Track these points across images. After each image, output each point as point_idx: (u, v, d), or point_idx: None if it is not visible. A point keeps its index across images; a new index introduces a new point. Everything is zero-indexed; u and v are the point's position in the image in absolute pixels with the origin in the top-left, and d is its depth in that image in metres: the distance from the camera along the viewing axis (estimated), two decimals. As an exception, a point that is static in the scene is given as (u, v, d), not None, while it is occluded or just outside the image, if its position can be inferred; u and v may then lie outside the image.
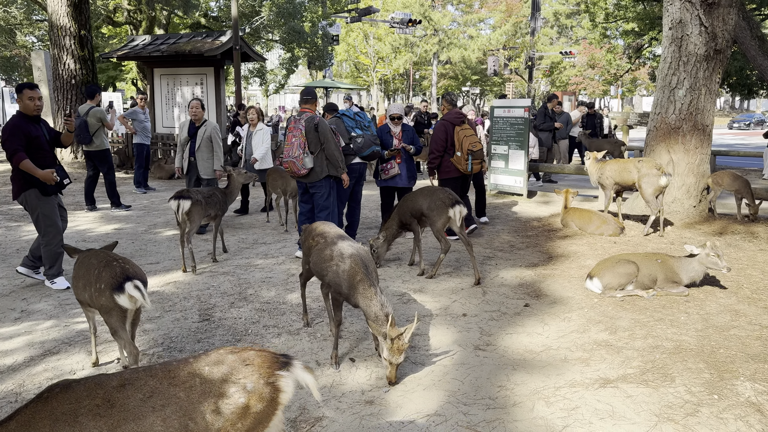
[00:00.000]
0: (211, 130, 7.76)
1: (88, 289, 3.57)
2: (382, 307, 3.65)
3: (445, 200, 5.89)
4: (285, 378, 2.22)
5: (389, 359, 3.60)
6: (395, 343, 3.53)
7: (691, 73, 7.97)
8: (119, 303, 3.42)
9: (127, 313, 3.53)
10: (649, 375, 3.79)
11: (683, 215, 8.21)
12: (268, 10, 23.17)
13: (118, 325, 3.49)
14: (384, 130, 7.41)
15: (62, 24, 13.70)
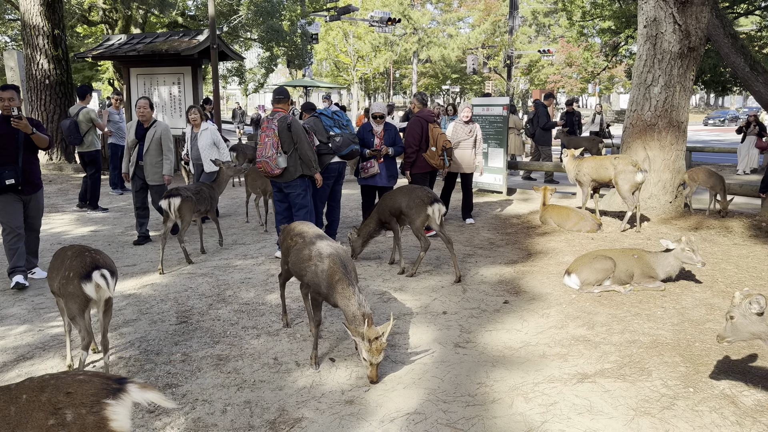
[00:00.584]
0: (161, 131, 7.14)
1: (58, 278, 3.65)
2: (359, 306, 3.64)
3: (423, 198, 5.90)
4: (114, 406, 2.02)
5: (369, 359, 3.60)
6: (374, 344, 3.53)
7: (665, 70, 8.07)
8: (86, 291, 3.47)
9: (91, 303, 3.58)
10: (626, 369, 3.83)
11: (659, 211, 8.31)
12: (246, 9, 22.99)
13: (77, 312, 3.55)
14: (366, 128, 7.39)
15: (35, 23, 13.47)
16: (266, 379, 3.78)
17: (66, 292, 3.57)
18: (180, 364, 3.98)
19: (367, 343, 3.53)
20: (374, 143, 7.25)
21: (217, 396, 3.56)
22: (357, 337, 3.58)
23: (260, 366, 3.96)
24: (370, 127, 7.37)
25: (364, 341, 3.55)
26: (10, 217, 5.62)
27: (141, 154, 7.17)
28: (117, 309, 5.04)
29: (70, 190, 11.51)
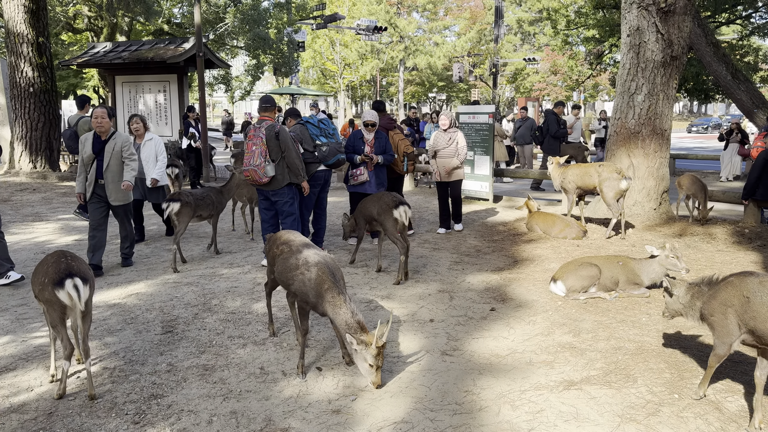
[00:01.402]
0: (122, 143, 6.41)
1: (37, 285, 3.71)
2: (353, 314, 3.62)
3: (389, 203, 6.13)
4: None
5: (375, 364, 3.58)
6: (379, 348, 3.52)
7: (649, 78, 8.17)
8: (60, 297, 3.50)
9: (68, 310, 3.59)
10: (612, 376, 3.86)
11: (644, 218, 8.39)
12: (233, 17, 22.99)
13: (56, 320, 3.59)
14: (357, 136, 7.43)
15: (19, 31, 13.37)
16: (252, 389, 3.75)
17: (44, 299, 3.64)
18: (165, 375, 3.95)
19: (373, 348, 3.52)
20: (365, 151, 7.30)
21: (203, 406, 3.54)
22: (360, 345, 3.55)
23: (246, 376, 3.94)
24: (360, 134, 7.41)
25: (368, 347, 3.53)
26: None
27: (100, 171, 6.34)
28: (101, 318, 4.99)
29: (54, 198, 11.41)
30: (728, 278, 3.42)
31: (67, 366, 3.60)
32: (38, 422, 3.36)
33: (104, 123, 6.37)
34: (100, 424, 3.33)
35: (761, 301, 3.12)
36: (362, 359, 3.61)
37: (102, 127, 6.36)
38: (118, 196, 6.42)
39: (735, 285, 3.31)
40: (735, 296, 3.27)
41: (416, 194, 12.14)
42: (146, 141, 7.55)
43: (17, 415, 3.44)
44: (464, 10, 52.16)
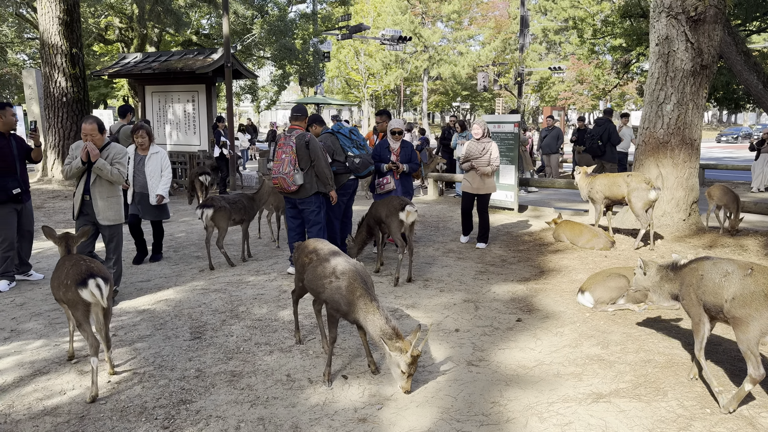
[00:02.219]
0: (114, 155, 5.71)
1: (61, 288, 3.93)
2: (387, 321, 3.62)
3: (396, 205, 6.29)
4: None
5: (408, 371, 3.58)
6: (413, 356, 3.53)
7: (678, 88, 8.07)
8: (83, 296, 3.73)
9: (91, 308, 3.83)
10: (642, 389, 3.80)
11: (673, 228, 8.26)
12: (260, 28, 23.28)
13: (83, 319, 3.81)
14: (383, 145, 7.46)
15: (53, 42, 13.72)
16: (279, 396, 3.78)
17: (67, 299, 3.86)
18: (194, 380, 4.00)
19: (408, 357, 3.52)
20: (391, 159, 7.32)
21: (230, 412, 3.57)
22: (395, 352, 3.55)
23: (273, 382, 3.97)
24: (387, 144, 7.44)
25: (403, 355, 3.53)
26: (8, 228, 6.14)
27: (87, 186, 5.68)
28: (131, 324, 5.08)
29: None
30: (690, 263, 3.91)
31: (96, 362, 3.71)
32: (71, 425, 3.42)
33: (95, 135, 5.58)
34: (131, 428, 3.39)
35: (710, 278, 3.65)
36: (396, 365, 3.61)
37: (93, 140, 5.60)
38: (108, 214, 5.70)
39: (694, 267, 3.83)
40: (694, 277, 3.77)
41: (440, 203, 12.13)
42: (151, 154, 7.12)
43: (51, 417, 3.51)
44: (489, 19, 52.13)
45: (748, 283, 3.44)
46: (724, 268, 3.63)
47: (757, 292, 3.38)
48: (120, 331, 4.93)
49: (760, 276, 3.43)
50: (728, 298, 3.51)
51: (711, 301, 3.63)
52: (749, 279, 3.46)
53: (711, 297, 3.63)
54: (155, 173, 7.08)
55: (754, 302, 3.37)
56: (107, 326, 3.99)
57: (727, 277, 3.57)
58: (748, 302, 3.40)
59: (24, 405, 3.66)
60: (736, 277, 3.52)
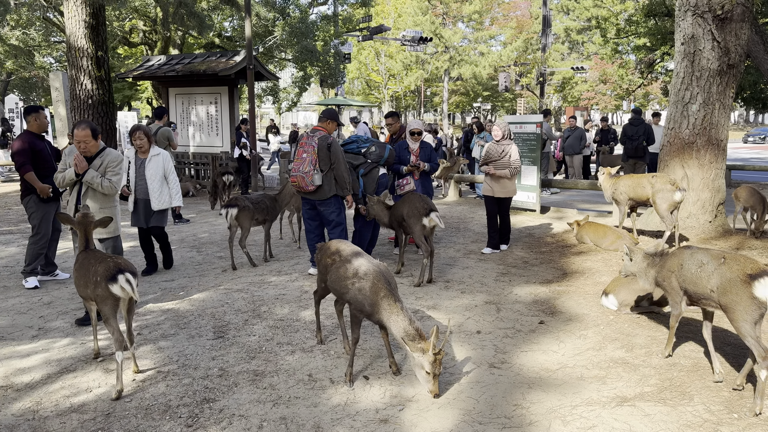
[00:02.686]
0: (109, 162, 5.34)
1: (89, 285, 4.01)
2: (411, 322, 3.61)
3: (420, 209, 6.25)
4: None
5: (432, 371, 3.57)
6: (437, 356, 3.52)
7: (704, 88, 7.94)
8: (113, 292, 3.83)
9: (120, 303, 3.94)
10: (667, 393, 3.75)
11: (698, 230, 8.13)
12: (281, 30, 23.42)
13: (110, 314, 3.90)
14: (402, 146, 7.46)
15: (80, 45, 13.95)
16: (301, 396, 3.80)
17: (96, 295, 3.95)
18: (217, 379, 4.03)
19: (431, 356, 3.51)
20: (410, 160, 7.33)
21: (253, 411, 3.60)
22: (417, 353, 3.54)
23: (295, 382, 3.99)
24: (406, 144, 7.46)
25: (426, 355, 3.52)
26: (48, 225, 6.39)
27: (79, 197, 5.36)
28: (156, 323, 5.14)
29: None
30: (672, 252, 4.33)
31: (121, 357, 3.78)
32: (97, 422, 3.48)
33: (89, 146, 5.25)
34: (155, 426, 3.43)
35: (688, 267, 3.99)
36: (420, 367, 3.59)
37: (87, 152, 5.28)
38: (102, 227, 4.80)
39: (675, 255, 4.19)
40: (675, 264, 4.12)
41: (460, 204, 12.08)
42: (152, 157, 6.59)
43: (77, 414, 3.57)
44: (510, 19, 51.87)
45: (724, 272, 3.69)
46: (700, 258, 3.92)
47: (734, 279, 3.61)
48: (144, 330, 4.99)
49: (734, 263, 3.67)
50: (713, 288, 3.76)
51: (691, 289, 3.97)
52: (724, 267, 3.71)
53: (691, 285, 3.97)
54: (156, 177, 6.56)
55: (733, 288, 3.60)
56: (130, 322, 4.09)
57: (702, 267, 3.86)
58: (728, 289, 3.64)
59: (51, 402, 3.73)
60: (712, 267, 3.80)
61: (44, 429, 3.41)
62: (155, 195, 6.57)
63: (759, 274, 3.52)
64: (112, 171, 5.36)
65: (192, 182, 13.98)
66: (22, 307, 5.62)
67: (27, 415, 3.57)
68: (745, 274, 3.57)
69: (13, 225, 9.83)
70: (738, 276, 3.59)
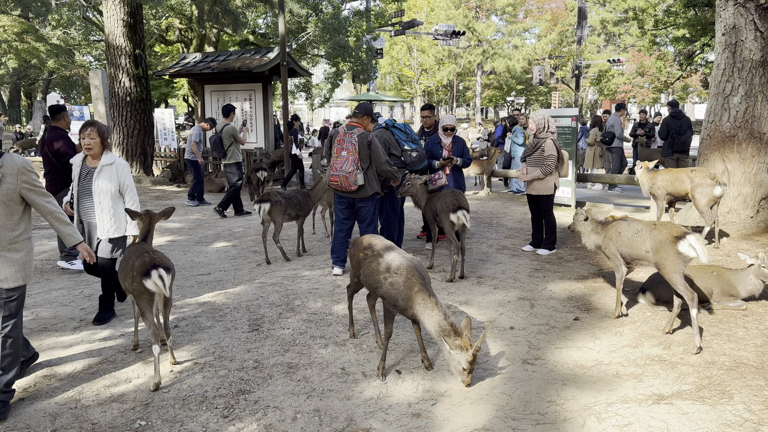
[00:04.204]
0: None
1: (127, 279, 4.12)
2: (446, 317, 3.61)
3: (449, 205, 6.23)
4: None
5: (468, 368, 3.58)
6: (473, 353, 3.53)
7: (746, 79, 7.72)
8: (147, 286, 3.90)
9: (156, 296, 4.01)
10: (706, 392, 3.67)
11: (740, 226, 7.92)
12: (314, 26, 23.54)
13: (146, 308, 3.98)
14: (435, 140, 7.44)
15: (118, 44, 14.27)
16: (334, 389, 3.83)
17: (133, 289, 4.05)
18: (252, 371, 4.10)
19: (469, 355, 3.52)
20: (442, 155, 7.31)
21: (287, 403, 3.65)
22: (454, 349, 3.54)
23: (328, 375, 4.03)
24: (438, 139, 7.43)
25: (464, 352, 3.52)
26: None
27: None
28: (192, 315, 5.24)
29: (148, 201, 12.07)
30: (612, 221, 5.10)
31: (158, 350, 3.86)
32: (136, 412, 3.57)
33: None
34: (192, 417, 3.50)
35: (625, 234, 4.86)
36: (456, 362, 3.60)
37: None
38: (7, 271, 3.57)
39: (614, 225, 5.00)
40: (614, 233, 4.95)
41: (493, 200, 11.99)
42: (103, 166, 5.02)
43: (117, 404, 3.67)
44: (545, 11, 51.11)
45: (656, 235, 4.58)
46: (635, 227, 4.80)
47: (664, 240, 4.49)
48: (182, 322, 5.10)
49: (663, 228, 4.57)
50: (648, 249, 4.63)
51: (626, 252, 4.84)
52: (656, 232, 4.59)
53: (626, 249, 4.83)
54: (106, 193, 5.01)
55: (664, 247, 4.47)
56: (167, 316, 4.18)
57: (638, 233, 4.73)
58: (660, 249, 4.51)
59: (93, 392, 3.84)
60: (646, 232, 4.67)
61: (86, 418, 3.52)
62: (104, 218, 5.05)
63: (682, 236, 4.40)
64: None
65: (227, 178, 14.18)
66: (64, 300, 5.79)
67: (70, 403, 3.69)
68: (672, 236, 4.44)
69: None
70: (667, 238, 4.46)
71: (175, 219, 10.11)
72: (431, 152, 7.37)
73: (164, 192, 13.45)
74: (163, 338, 4.26)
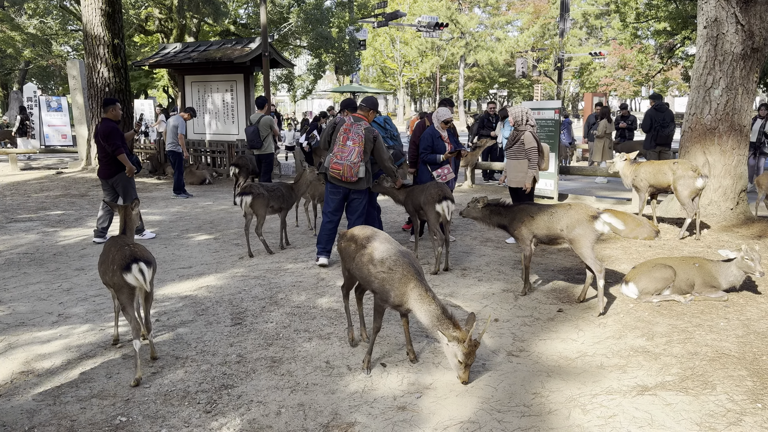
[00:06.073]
0: None
1: (108, 273, 4.03)
2: (443, 311, 3.57)
3: (434, 196, 6.21)
4: None
5: (465, 361, 3.54)
6: (473, 348, 3.49)
7: (727, 72, 7.78)
8: (127, 280, 3.81)
9: (136, 291, 3.92)
10: (689, 382, 3.69)
11: (720, 218, 8.00)
12: (296, 17, 23.36)
13: (127, 302, 3.89)
14: (434, 135, 7.16)
15: (96, 33, 14.00)
16: (319, 383, 3.80)
17: (113, 283, 3.96)
18: (235, 365, 4.05)
19: (465, 346, 3.47)
20: (446, 148, 7.18)
21: (271, 398, 3.60)
22: (452, 342, 3.49)
23: (313, 369, 3.99)
24: (437, 134, 7.19)
25: (461, 345, 3.48)
26: (130, 197, 7.53)
27: None
28: (174, 310, 5.17)
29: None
30: (518, 205, 5.60)
31: (138, 345, 3.79)
32: (116, 408, 3.50)
33: None
34: (174, 412, 3.45)
35: (540, 217, 5.20)
36: (453, 355, 3.56)
37: None
38: None
39: (524, 209, 5.40)
40: (525, 216, 5.30)
41: (477, 192, 11.99)
42: None
43: (97, 400, 3.60)
44: (527, 4, 51.25)
45: (572, 214, 4.99)
46: (550, 210, 5.20)
47: (580, 219, 4.91)
48: (163, 316, 5.02)
49: (578, 208, 5.02)
50: (563, 228, 5.01)
51: (543, 233, 5.20)
52: (572, 211, 5.01)
53: (543, 230, 5.18)
54: None
55: (580, 225, 4.89)
56: (148, 311, 4.09)
57: (553, 215, 5.12)
58: (575, 225, 4.91)
59: (72, 387, 3.76)
60: (562, 212, 5.08)
61: (64, 414, 3.45)
62: None
63: (597, 215, 4.87)
64: None
65: (208, 170, 14.03)
66: (42, 294, 5.68)
67: (48, 400, 3.61)
68: (588, 215, 4.88)
69: (32, 212, 9.93)
70: (583, 217, 4.89)
71: (155, 212, 9.98)
72: (432, 146, 7.18)
73: (144, 184, 13.27)
74: (144, 333, 4.19)
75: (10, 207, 10.45)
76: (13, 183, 13.58)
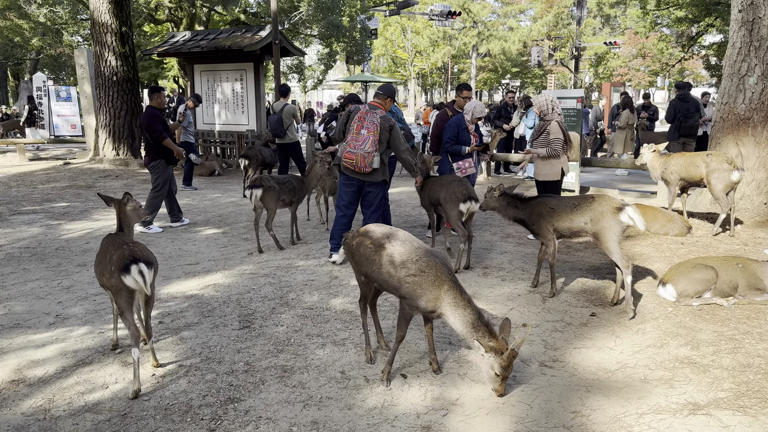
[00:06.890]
0: None
1: (105, 274, 3.69)
2: (479, 316, 3.22)
3: (458, 195, 5.90)
4: None
5: (503, 374, 3.22)
6: (510, 358, 3.17)
7: (763, 59, 7.34)
8: (126, 283, 3.48)
9: (136, 294, 3.57)
10: (746, 400, 3.32)
11: (753, 213, 7.58)
12: (307, 5, 22.90)
13: (125, 306, 3.56)
14: (461, 125, 6.76)
15: (103, 21, 13.68)
16: (334, 396, 3.46)
17: (111, 285, 3.63)
18: (243, 375, 3.72)
19: (504, 358, 3.15)
20: (471, 141, 6.80)
21: (282, 414, 3.27)
22: (489, 352, 3.16)
23: (327, 380, 3.65)
24: (464, 123, 6.79)
25: (499, 357, 3.15)
26: (167, 184, 7.81)
27: None
28: (178, 311, 4.85)
29: (135, 185, 11.61)
30: (536, 198, 5.27)
31: (137, 353, 3.46)
32: (112, 424, 3.19)
33: None
34: (174, 429, 3.12)
35: (561, 210, 4.92)
36: (488, 366, 3.22)
37: None
38: None
39: (542, 202, 5.12)
40: (545, 209, 5.04)
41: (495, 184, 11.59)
42: None
43: (92, 414, 3.28)
44: (541, -7, 50.43)
45: (596, 206, 4.71)
46: (572, 202, 4.92)
47: (604, 211, 4.65)
48: (166, 318, 4.70)
49: (602, 200, 4.74)
50: (586, 221, 4.75)
51: (565, 226, 4.91)
52: (595, 203, 4.73)
53: (565, 223, 4.90)
54: None
55: (604, 218, 4.63)
56: (149, 315, 3.75)
57: (575, 207, 4.84)
58: (599, 218, 4.66)
59: (65, 400, 3.45)
60: (585, 205, 4.79)
61: (55, 430, 3.13)
62: None
63: (622, 207, 4.60)
64: None
65: (218, 161, 13.71)
66: (40, 292, 5.38)
67: (38, 414, 3.30)
68: (613, 207, 4.61)
69: (37, 204, 9.65)
70: (608, 209, 4.63)
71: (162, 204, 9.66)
72: (457, 137, 6.78)
73: (152, 175, 12.96)
74: (144, 339, 3.87)
75: (15, 198, 10.18)
76: (20, 174, 13.32)
